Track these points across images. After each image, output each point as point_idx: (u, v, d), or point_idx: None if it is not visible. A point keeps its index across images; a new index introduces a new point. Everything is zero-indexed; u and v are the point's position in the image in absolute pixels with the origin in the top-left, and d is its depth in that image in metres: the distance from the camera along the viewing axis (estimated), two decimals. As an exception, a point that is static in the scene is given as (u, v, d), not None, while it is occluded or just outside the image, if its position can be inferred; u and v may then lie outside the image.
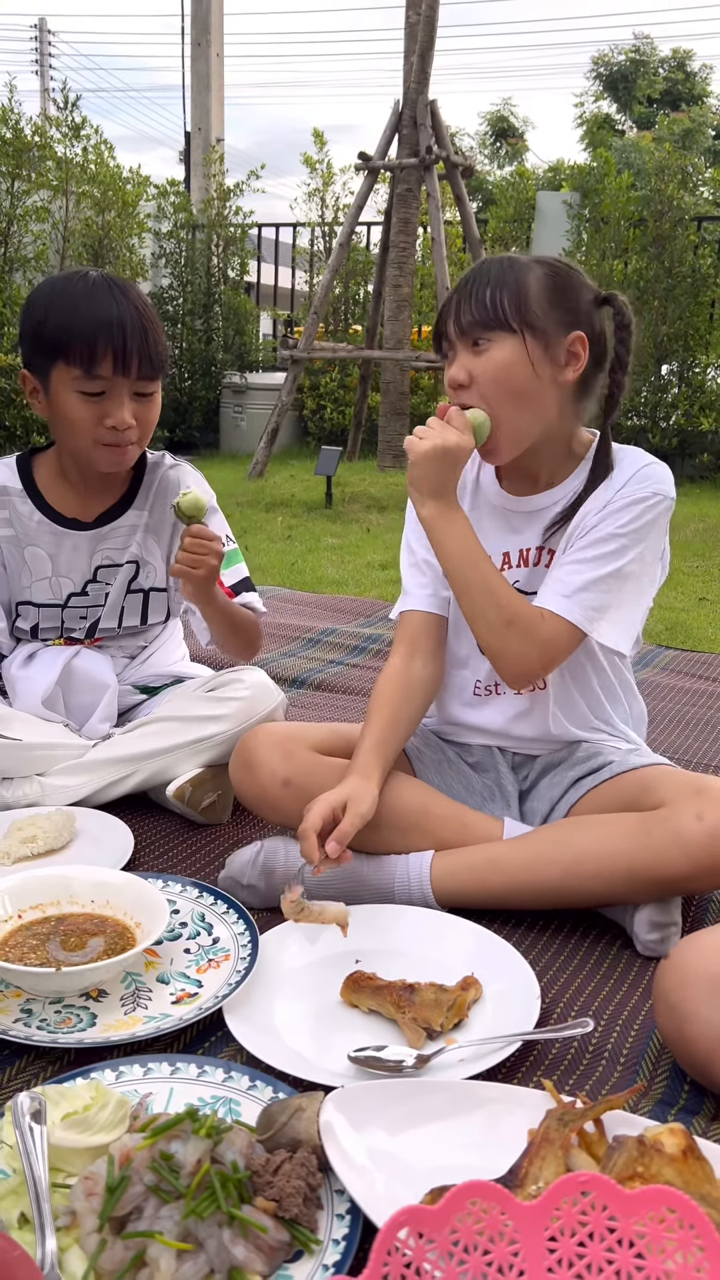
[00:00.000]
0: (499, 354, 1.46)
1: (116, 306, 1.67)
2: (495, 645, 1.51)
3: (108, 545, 1.90)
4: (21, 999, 1.27)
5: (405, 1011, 1.22)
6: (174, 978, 1.32)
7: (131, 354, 1.66)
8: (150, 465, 1.94)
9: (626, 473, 1.54)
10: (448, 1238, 0.80)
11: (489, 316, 1.45)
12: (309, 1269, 0.89)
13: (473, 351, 1.47)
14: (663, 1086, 1.18)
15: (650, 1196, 0.79)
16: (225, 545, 1.90)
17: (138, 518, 1.91)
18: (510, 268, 1.48)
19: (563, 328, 1.47)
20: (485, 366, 1.46)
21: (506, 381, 1.46)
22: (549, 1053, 1.23)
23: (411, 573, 1.68)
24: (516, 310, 1.45)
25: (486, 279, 1.47)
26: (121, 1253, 0.86)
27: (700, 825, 1.37)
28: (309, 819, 1.38)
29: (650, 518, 1.52)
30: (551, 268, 1.50)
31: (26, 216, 7.87)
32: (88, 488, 1.88)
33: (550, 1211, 0.80)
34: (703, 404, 8.15)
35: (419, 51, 6.74)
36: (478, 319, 1.46)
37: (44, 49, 26.73)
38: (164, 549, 1.95)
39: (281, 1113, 1.00)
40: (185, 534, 1.68)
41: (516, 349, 1.46)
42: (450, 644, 1.68)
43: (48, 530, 1.87)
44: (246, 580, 1.94)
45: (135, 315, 1.68)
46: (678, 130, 20.20)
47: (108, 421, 1.70)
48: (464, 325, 1.47)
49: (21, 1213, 0.92)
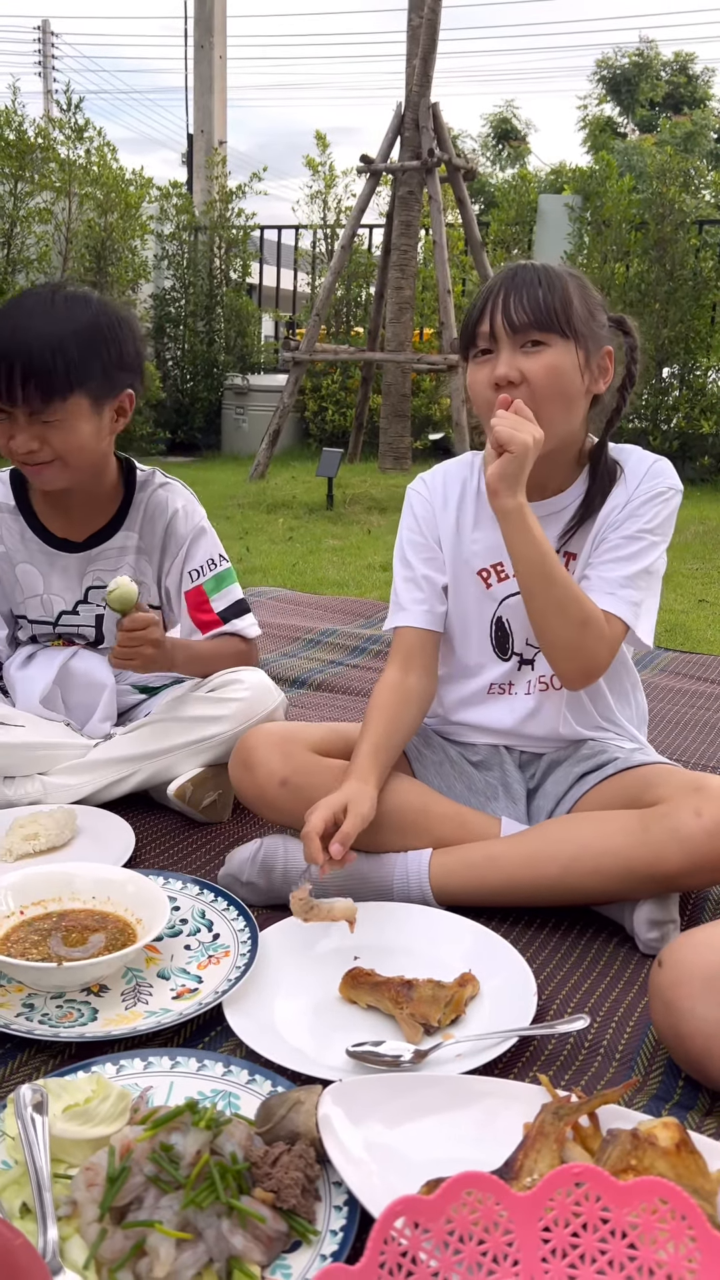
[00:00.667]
0: (554, 357, 1.46)
1: (21, 330, 1.62)
2: (572, 643, 1.50)
3: (98, 566, 1.89)
4: (23, 994, 1.28)
5: (403, 1007, 1.23)
6: (174, 973, 1.33)
7: (14, 381, 1.61)
8: (139, 484, 1.90)
9: (638, 471, 1.58)
10: (443, 1227, 0.81)
11: (544, 318, 1.45)
12: (307, 1259, 0.90)
13: (524, 351, 1.47)
14: (657, 1082, 1.20)
15: (643, 1188, 0.81)
16: (216, 567, 1.88)
17: (127, 539, 1.90)
18: (553, 275, 1.48)
19: (598, 340, 1.51)
20: (538, 367, 1.46)
21: (558, 384, 1.47)
22: (545, 1048, 1.24)
23: (408, 588, 1.67)
24: (567, 316, 1.46)
25: (535, 279, 1.47)
26: (122, 1242, 0.88)
27: (698, 822, 1.39)
28: (311, 822, 1.39)
29: (668, 512, 1.57)
30: (581, 283, 1.51)
31: (30, 218, 7.90)
32: (74, 508, 1.86)
33: (544, 1202, 0.82)
34: (703, 407, 8.17)
35: (421, 54, 6.76)
36: (533, 319, 1.45)
37: (47, 51, 26.77)
38: (155, 569, 1.93)
39: (280, 1106, 1.01)
40: (119, 626, 1.65)
41: (569, 354, 1.47)
42: (460, 654, 1.69)
43: (39, 549, 1.87)
44: (238, 604, 1.90)
45: (30, 339, 1.61)
46: (679, 133, 20.23)
47: (10, 445, 1.68)
48: (517, 323, 1.45)
49: (23, 1202, 0.93)
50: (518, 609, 1.63)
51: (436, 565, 1.66)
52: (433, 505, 1.68)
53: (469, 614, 1.66)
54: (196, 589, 1.88)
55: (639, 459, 1.60)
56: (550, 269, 1.50)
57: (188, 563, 1.89)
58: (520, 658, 1.66)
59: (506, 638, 1.65)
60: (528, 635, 1.64)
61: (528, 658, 1.66)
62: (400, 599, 1.68)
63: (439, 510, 1.67)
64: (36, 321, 1.64)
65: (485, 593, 1.65)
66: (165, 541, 1.90)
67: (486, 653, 1.67)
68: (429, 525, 1.67)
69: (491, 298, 1.48)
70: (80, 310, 1.68)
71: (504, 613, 1.65)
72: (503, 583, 1.64)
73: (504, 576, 1.64)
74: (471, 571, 1.65)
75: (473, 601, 1.66)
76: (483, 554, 1.65)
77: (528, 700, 1.66)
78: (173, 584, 1.92)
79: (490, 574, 1.65)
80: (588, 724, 1.68)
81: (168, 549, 1.90)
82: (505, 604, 1.64)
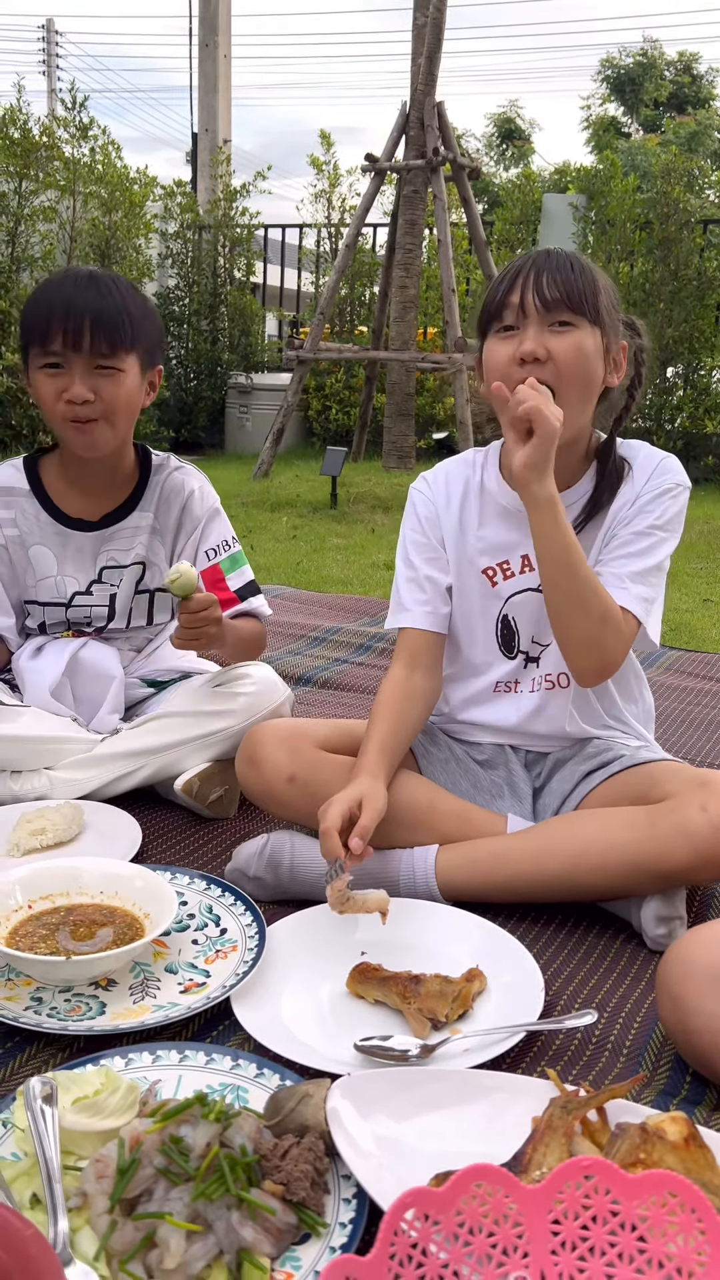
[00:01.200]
0: (581, 339, 1.46)
1: (75, 289, 1.72)
2: (591, 638, 1.50)
3: (112, 546, 1.91)
4: (31, 987, 1.28)
5: (411, 1002, 1.24)
6: (182, 968, 1.34)
7: (83, 328, 1.69)
8: (155, 467, 1.95)
9: (646, 467, 1.58)
10: (453, 1219, 0.81)
11: (576, 299, 1.45)
12: (316, 1251, 0.91)
13: (552, 330, 1.46)
14: (665, 1077, 1.20)
15: (653, 1181, 0.81)
16: (230, 549, 1.94)
17: (142, 519, 1.92)
18: (583, 261, 1.49)
19: (617, 332, 1.52)
20: (566, 348, 1.45)
21: (582, 367, 1.47)
22: (553, 1044, 1.24)
23: (411, 588, 1.67)
24: (594, 299, 1.46)
25: (568, 263, 1.47)
26: (132, 1233, 0.88)
27: (704, 817, 1.39)
28: (329, 819, 1.39)
29: (677, 508, 1.57)
30: (605, 276, 1.52)
31: (34, 216, 7.90)
32: (91, 487, 1.90)
33: (554, 1195, 0.82)
34: (708, 407, 8.16)
35: (426, 53, 6.75)
36: (565, 299, 1.44)
37: (51, 49, 26.78)
38: (169, 549, 1.96)
39: (289, 1099, 1.01)
40: (180, 609, 1.70)
41: (595, 340, 1.47)
42: (466, 653, 1.69)
43: (53, 530, 1.89)
44: (252, 584, 1.96)
45: (94, 295, 1.71)
46: (684, 133, 20.22)
47: (65, 395, 1.73)
48: (549, 299, 1.44)
49: (33, 1194, 0.93)
50: (523, 606, 1.63)
51: (440, 565, 1.66)
52: (435, 504, 1.67)
53: (474, 613, 1.66)
54: (213, 567, 1.92)
55: (647, 455, 1.60)
56: (580, 256, 1.50)
57: (204, 542, 1.94)
58: (526, 655, 1.66)
59: (512, 635, 1.65)
60: (533, 633, 1.64)
61: (534, 655, 1.66)
62: (403, 600, 1.67)
63: (442, 509, 1.67)
64: (94, 286, 1.73)
65: (490, 591, 1.65)
66: (181, 521, 1.94)
67: (493, 650, 1.67)
68: (432, 525, 1.67)
69: (523, 274, 1.46)
70: (125, 285, 1.78)
71: (509, 610, 1.65)
72: (508, 580, 1.64)
73: (509, 574, 1.64)
74: (476, 570, 1.65)
75: (478, 600, 1.66)
76: (488, 551, 1.64)
77: (533, 698, 1.66)
78: None
79: (495, 572, 1.64)
80: (595, 722, 1.68)
81: (183, 528, 1.94)
82: (511, 602, 1.64)
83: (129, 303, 1.74)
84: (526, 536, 1.62)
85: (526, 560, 1.62)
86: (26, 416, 7.44)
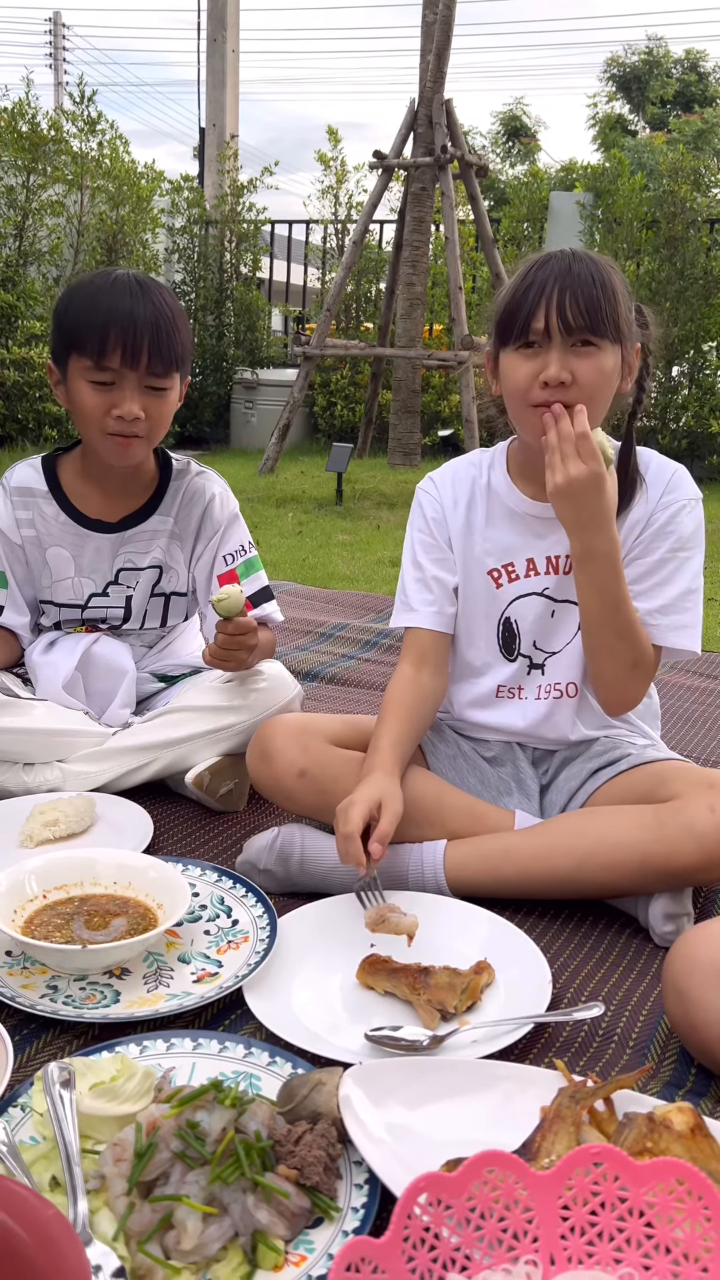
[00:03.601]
0: (605, 362, 1.45)
1: (131, 301, 1.70)
2: (617, 681, 1.55)
3: (130, 548, 1.93)
4: (47, 976, 1.30)
5: (420, 993, 1.25)
6: (195, 958, 1.36)
7: (141, 347, 1.69)
8: (176, 472, 1.96)
9: (658, 482, 1.58)
10: (465, 1204, 0.83)
11: (599, 322, 1.42)
12: (329, 1234, 0.92)
13: (575, 352, 1.44)
14: (670, 1069, 1.22)
15: (660, 1168, 0.83)
16: (246, 554, 1.96)
17: (162, 523, 1.94)
18: (604, 272, 1.45)
19: (631, 337, 1.50)
20: (589, 370, 1.44)
21: (605, 387, 1.47)
22: (560, 1035, 1.26)
23: (418, 589, 1.68)
24: (615, 318, 1.44)
25: (589, 278, 1.43)
26: (150, 1215, 0.90)
27: (713, 817, 1.40)
28: (351, 823, 1.40)
29: (695, 523, 1.58)
30: (621, 276, 1.49)
31: (42, 210, 7.92)
32: (112, 489, 1.91)
33: (564, 1181, 0.84)
34: (713, 406, 8.17)
35: (435, 51, 6.76)
36: (588, 323, 1.42)
37: (58, 43, 26.75)
38: (187, 554, 1.97)
39: (302, 1086, 1.03)
40: (220, 629, 1.73)
41: (616, 358, 1.46)
42: (465, 654, 1.70)
43: (71, 531, 1.90)
44: (266, 590, 1.98)
45: (150, 310, 1.70)
46: (690, 131, 20.17)
47: (115, 411, 1.73)
48: (572, 324, 1.42)
49: (53, 1176, 0.95)
50: (526, 610, 1.64)
51: (447, 566, 1.67)
52: (442, 505, 1.68)
53: (477, 613, 1.68)
54: (230, 572, 1.94)
55: (659, 467, 1.60)
56: (600, 264, 1.46)
57: (222, 546, 1.95)
58: (529, 661, 1.67)
59: (514, 638, 1.66)
60: (535, 637, 1.65)
61: (537, 661, 1.66)
62: (410, 600, 1.68)
63: (449, 511, 1.68)
64: (149, 299, 1.73)
65: (494, 593, 1.66)
66: (201, 526, 1.95)
67: (493, 652, 1.68)
68: (439, 526, 1.68)
69: (547, 293, 1.43)
70: (169, 295, 1.78)
71: (512, 613, 1.66)
72: (513, 583, 1.65)
73: (514, 577, 1.65)
74: (482, 571, 1.66)
75: (481, 601, 1.67)
76: (494, 554, 1.65)
77: (539, 705, 1.67)
78: (203, 569, 1.96)
79: (500, 574, 1.65)
80: (600, 725, 1.69)
81: (202, 533, 1.95)
82: (514, 605, 1.65)
83: (177, 316, 1.75)
84: (532, 540, 1.63)
85: (531, 564, 1.63)
86: (32, 411, 7.46)
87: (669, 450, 8.00)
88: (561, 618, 1.64)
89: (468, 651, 1.70)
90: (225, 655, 1.76)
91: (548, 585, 1.63)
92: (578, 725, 1.67)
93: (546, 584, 1.63)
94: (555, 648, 1.66)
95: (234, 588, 1.70)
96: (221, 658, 1.76)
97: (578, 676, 1.65)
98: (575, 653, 1.64)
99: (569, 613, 1.63)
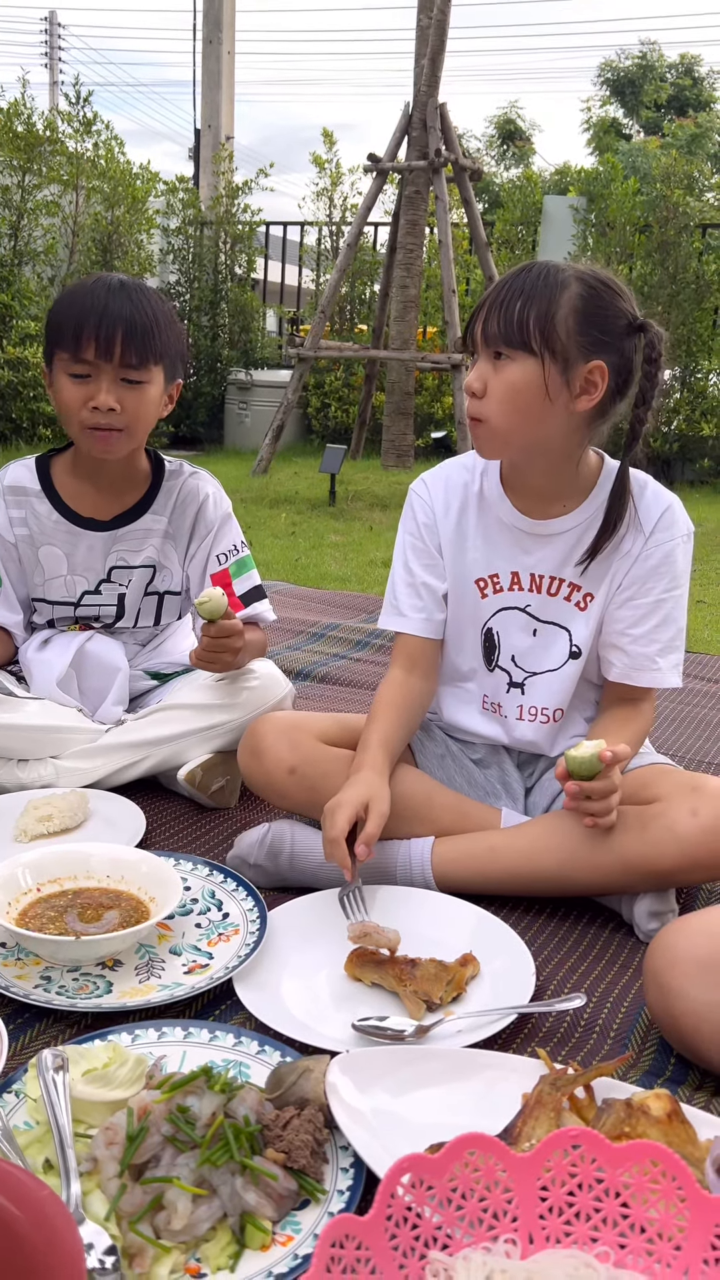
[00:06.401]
0: (514, 374, 1.44)
1: (108, 296, 1.74)
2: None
3: (122, 546, 1.95)
4: (41, 967, 1.32)
5: (407, 985, 1.28)
6: (186, 950, 1.38)
7: (115, 339, 1.71)
8: (169, 472, 1.98)
9: (652, 514, 1.57)
10: (447, 1184, 0.85)
11: (512, 333, 1.42)
12: (315, 1216, 0.95)
13: (492, 362, 1.46)
14: (650, 1058, 1.25)
15: (636, 1150, 0.85)
16: (238, 553, 1.98)
17: (155, 522, 1.96)
18: (547, 282, 1.43)
19: (585, 353, 1.44)
20: (498, 382, 1.45)
21: (514, 401, 1.45)
22: (543, 1026, 1.29)
23: (408, 593, 1.69)
24: (540, 331, 1.41)
25: (520, 290, 1.43)
26: (141, 1196, 0.92)
27: (694, 821, 1.43)
28: (337, 826, 1.42)
29: (687, 559, 1.60)
30: (590, 287, 1.44)
31: (37, 210, 7.93)
32: (104, 487, 1.93)
33: (543, 1162, 0.86)
34: (704, 409, 8.21)
35: (430, 55, 6.79)
36: (501, 333, 1.43)
37: (54, 42, 26.73)
38: (181, 554, 1.99)
39: (290, 1073, 1.05)
40: (204, 632, 1.74)
41: (533, 371, 1.43)
42: (453, 659, 1.72)
43: (64, 530, 1.92)
44: (257, 589, 1.99)
45: (126, 305, 1.73)
46: (684, 136, 20.23)
47: (91, 403, 1.76)
48: (488, 335, 1.45)
49: (46, 1159, 0.98)
50: (508, 623, 1.66)
51: (437, 572, 1.68)
52: (434, 511, 1.68)
53: (465, 620, 1.69)
54: (223, 572, 1.96)
55: (654, 495, 1.58)
56: (556, 274, 1.44)
57: (215, 546, 1.97)
58: (509, 678, 1.67)
59: (494, 649, 1.67)
60: (514, 653, 1.66)
61: (516, 680, 1.67)
62: (400, 604, 1.69)
63: (440, 517, 1.67)
64: (127, 296, 1.75)
65: (479, 602, 1.67)
66: (195, 526, 1.97)
67: (478, 659, 1.70)
68: (430, 532, 1.68)
69: (481, 305, 1.48)
70: (155, 296, 1.81)
71: (494, 625, 1.67)
72: (497, 595, 1.65)
73: (499, 589, 1.65)
74: (470, 579, 1.67)
75: (469, 608, 1.68)
76: (481, 563, 1.66)
77: (524, 727, 1.69)
78: (196, 568, 1.98)
79: (486, 584, 1.66)
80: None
81: (196, 533, 1.97)
82: (496, 617, 1.66)
83: (159, 314, 1.77)
84: (519, 554, 1.63)
85: (516, 578, 1.64)
86: (27, 410, 7.47)
87: (660, 453, 8.06)
88: (545, 639, 1.64)
89: (456, 657, 1.72)
90: (209, 658, 1.77)
91: (530, 603, 1.63)
92: (558, 745, 1.70)
93: (529, 601, 1.63)
94: (538, 669, 1.65)
95: (216, 590, 1.72)
96: (206, 660, 1.78)
97: (564, 704, 1.66)
98: (561, 680, 1.64)
99: (554, 636, 1.64)
